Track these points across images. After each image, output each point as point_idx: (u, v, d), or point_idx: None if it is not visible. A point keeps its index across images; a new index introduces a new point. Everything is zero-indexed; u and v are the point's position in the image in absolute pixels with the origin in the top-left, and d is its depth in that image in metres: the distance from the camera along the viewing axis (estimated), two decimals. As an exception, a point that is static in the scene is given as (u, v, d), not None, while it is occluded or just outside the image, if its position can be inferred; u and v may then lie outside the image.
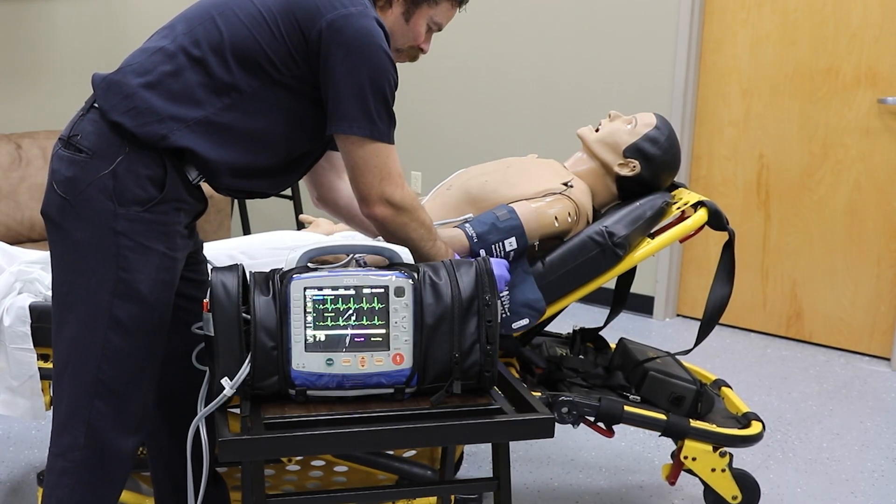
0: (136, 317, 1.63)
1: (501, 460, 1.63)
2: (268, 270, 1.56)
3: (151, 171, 1.61)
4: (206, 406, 1.55)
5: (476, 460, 2.73)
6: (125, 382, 1.66)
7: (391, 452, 2.25)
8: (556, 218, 2.10)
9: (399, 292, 1.50)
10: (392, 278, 1.51)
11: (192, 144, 1.61)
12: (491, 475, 1.68)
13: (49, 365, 2.06)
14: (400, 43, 1.81)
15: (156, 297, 1.64)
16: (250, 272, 1.55)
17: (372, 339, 1.50)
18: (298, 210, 4.38)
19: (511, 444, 1.67)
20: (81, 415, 1.64)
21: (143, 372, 1.68)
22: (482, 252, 2.01)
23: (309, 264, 1.58)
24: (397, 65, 1.73)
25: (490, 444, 1.75)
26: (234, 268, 1.54)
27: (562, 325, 2.63)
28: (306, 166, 1.83)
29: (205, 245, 2.30)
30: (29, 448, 2.75)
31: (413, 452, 2.35)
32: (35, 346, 2.01)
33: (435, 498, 2.17)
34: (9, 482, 2.55)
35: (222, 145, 1.65)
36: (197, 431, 1.57)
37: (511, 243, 2.05)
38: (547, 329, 2.48)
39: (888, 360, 3.60)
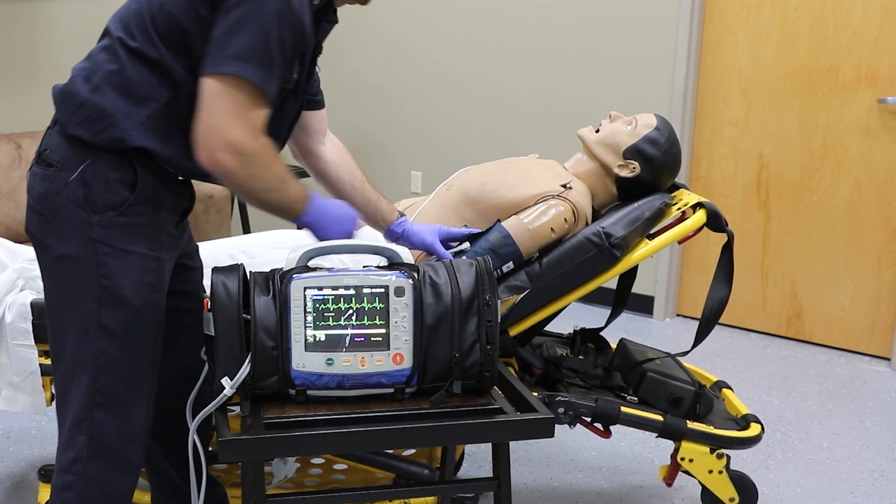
0: (124, 323, 1.59)
1: (501, 460, 1.63)
2: (268, 270, 1.56)
3: (120, 174, 1.56)
4: (195, 405, 1.56)
5: (476, 460, 2.73)
6: (124, 391, 1.62)
7: (390, 452, 2.25)
8: (552, 229, 2.11)
9: (399, 292, 1.51)
10: (392, 278, 1.51)
11: (148, 143, 1.56)
12: (491, 475, 1.69)
13: (49, 361, 2.06)
14: None
15: (142, 301, 1.60)
16: (250, 272, 1.55)
17: (372, 338, 1.50)
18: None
19: (511, 444, 1.67)
20: (83, 427, 1.61)
21: (142, 378, 1.64)
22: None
23: (309, 264, 1.58)
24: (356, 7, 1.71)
25: (490, 444, 1.75)
26: (235, 267, 1.55)
27: (562, 326, 2.63)
28: (279, 135, 1.70)
29: (205, 245, 2.31)
30: (29, 446, 2.75)
31: (412, 451, 2.35)
32: (36, 342, 2.02)
33: (433, 497, 2.17)
34: (9, 480, 2.56)
35: (173, 137, 1.58)
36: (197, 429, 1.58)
37: (509, 266, 2.11)
38: (547, 329, 2.49)
39: (888, 360, 3.60)
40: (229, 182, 1.53)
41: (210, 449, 2.26)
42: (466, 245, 2.13)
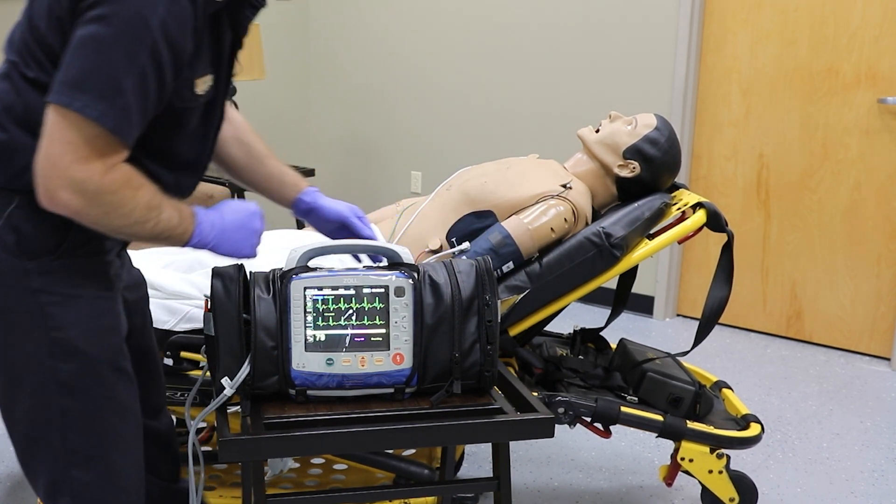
0: (83, 375, 1.44)
1: (501, 460, 1.63)
2: (268, 270, 1.56)
3: (51, 214, 1.33)
4: (190, 408, 1.55)
5: (476, 460, 2.73)
6: (100, 445, 1.48)
7: (390, 451, 2.25)
8: (552, 229, 2.11)
9: (399, 292, 1.51)
10: (392, 278, 1.51)
11: None
12: (491, 475, 1.69)
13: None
14: None
15: (98, 349, 1.45)
16: (250, 272, 1.55)
17: (372, 338, 1.50)
18: (299, 209, 4.38)
19: (511, 444, 1.67)
20: (64, 489, 1.47)
21: (118, 427, 1.50)
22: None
23: (309, 264, 1.58)
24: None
25: (490, 444, 1.75)
26: (235, 267, 1.54)
27: (562, 326, 2.63)
28: (203, 148, 1.51)
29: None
30: (29, 447, 2.75)
31: (412, 451, 2.35)
32: None
33: (433, 498, 2.17)
34: (9, 480, 2.56)
35: None
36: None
37: (509, 266, 2.11)
38: (547, 329, 2.49)
39: (888, 360, 3.60)
40: (82, 222, 1.32)
41: (210, 449, 2.26)
42: (466, 245, 2.13)
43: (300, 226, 3.78)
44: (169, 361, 2.07)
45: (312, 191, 1.81)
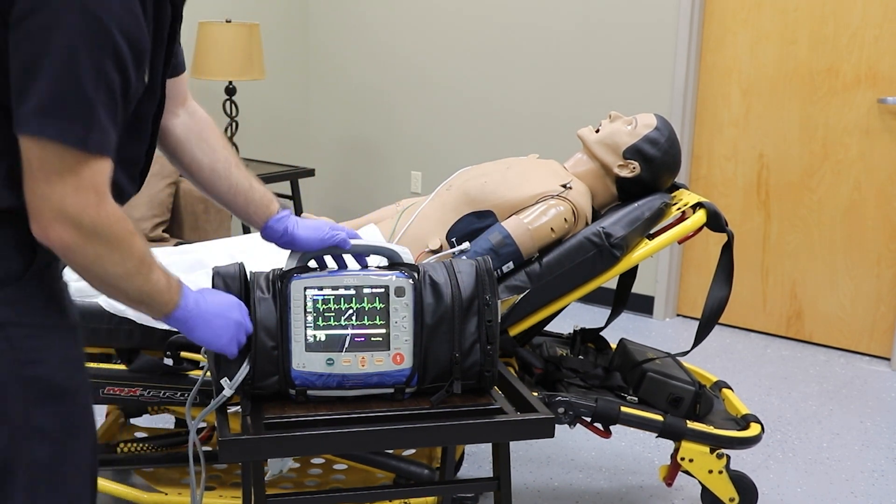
0: (62, 415, 1.25)
1: (501, 460, 1.63)
2: (268, 270, 1.56)
3: (9, 238, 1.21)
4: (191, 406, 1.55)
5: (476, 460, 2.73)
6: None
7: (390, 451, 2.25)
8: (552, 229, 2.11)
9: (399, 292, 1.51)
10: (392, 278, 1.51)
11: (17, 200, 1.18)
12: (491, 475, 1.69)
13: None
14: None
15: (75, 383, 1.28)
16: (250, 272, 1.55)
17: (372, 338, 1.50)
18: (299, 209, 4.39)
19: (511, 444, 1.67)
20: None
21: (84, 488, 1.31)
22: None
23: (309, 264, 1.58)
24: None
25: (490, 444, 1.75)
26: (235, 267, 1.54)
27: (562, 326, 2.63)
28: (141, 139, 1.33)
29: (205, 245, 2.31)
30: (29, 447, 2.75)
31: (412, 451, 2.35)
32: None
33: (433, 498, 2.18)
34: (9, 481, 2.55)
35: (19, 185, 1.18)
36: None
37: (509, 266, 2.11)
38: (547, 329, 2.49)
39: (888, 360, 3.60)
40: (73, 263, 1.19)
41: (210, 449, 2.26)
42: (466, 245, 2.13)
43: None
44: (169, 361, 2.07)
45: (284, 216, 1.57)
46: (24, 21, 1.09)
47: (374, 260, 1.76)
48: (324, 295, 1.50)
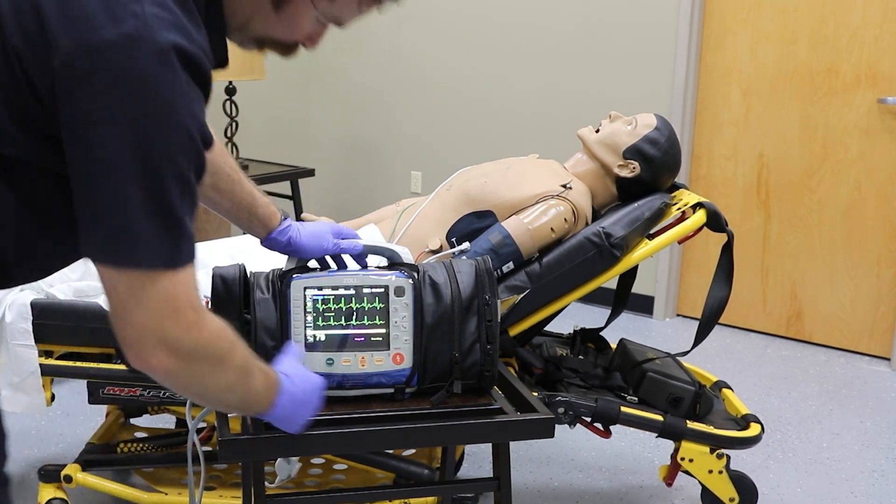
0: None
1: (501, 460, 1.63)
2: (268, 270, 1.56)
3: None
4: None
5: (476, 460, 2.73)
6: None
7: (390, 451, 2.25)
8: (552, 229, 2.11)
9: (399, 292, 1.51)
10: (392, 278, 1.51)
11: None
12: (491, 475, 1.69)
13: (51, 361, 2.07)
14: (259, 32, 1.21)
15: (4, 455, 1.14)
16: (251, 272, 1.55)
17: (372, 338, 1.50)
18: (299, 209, 4.39)
19: (511, 444, 1.67)
20: None
21: None
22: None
23: (309, 264, 1.58)
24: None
25: (490, 444, 1.75)
26: (235, 267, 1.55)
27: (562, 326, 2.63)
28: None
29: (205, 244, 2.31)
30: (29, 446, 2.75)
31: (412, 451, 2.35)
32: (36, 342, 2.02)
33: (433, 498, 2.17)
34: (9, 481, 2.56)
35: None
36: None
37: (509, 266, 2.11)
38: (547, 329, 2.49)
39: (888, 360, 3.60)
40: (172, 385, 1.12)
41: (210, 449, 2.26)
42: (466, 245, 2.13)
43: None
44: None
45: (286, 227, 1.57)
46: (80, 129, 0.97)
47: (374, 260, 1.77)
48: (323, 295, 1.50)
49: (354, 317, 1.50)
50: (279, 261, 1.92)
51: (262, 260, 2.10)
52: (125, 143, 0.95)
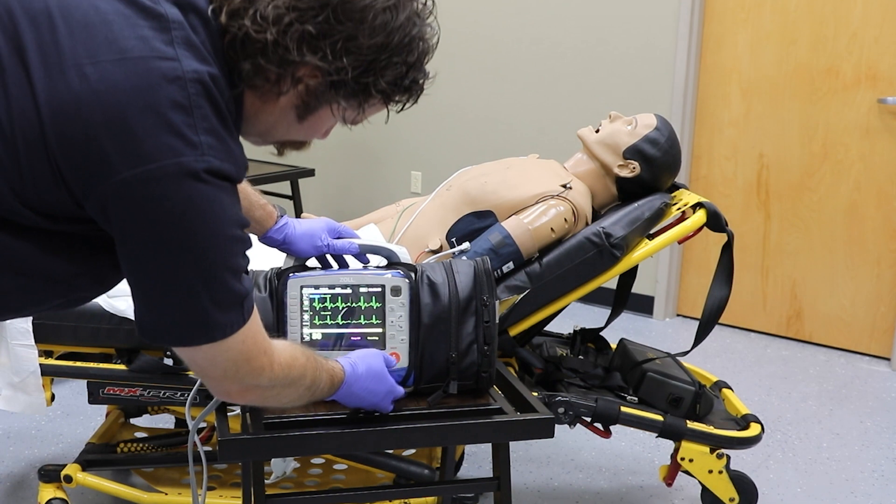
0: None
1: (501, 460, 1.63)
2: (267, 269, 1.56)
3: None
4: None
5: (476, 460, 2.73)
6: None
7: (390, 452, 2.25)
8: (552, 229, 2.11)
9: (395, 291, 1.51)
10: (388, 277, 1.51)
11: None
12: (491, 475, 1.69)
13: (51, 361, 2.07)
14: (282, 138, 1.27)
15: None
16: (251, 270, 1.56)
17: (368, 337, 1.50)
18: (299, 209, 4.39)
19: (511, 444, 1.67)
20: None
21: None
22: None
23: (312, 263, 1.58)
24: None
25: (490, 444, 1.75)
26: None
27: (562, 326, 2.63)
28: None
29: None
30: (29, 446, 2.75)
31: (412, 451, 2.35)
32: (36, 342, 2.02)
33: (433, 498, 2.17)
34: (9, 480, 2.56)
35: None
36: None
37: (509, 266, 2.11)
38: (547, 329, 2.49)
39: (888, 360, 3.60)
40: (252, 405, 1.35)
41: (210, 449, 2.26)
42: (466, 245, 2.13)
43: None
44: (169, 361, 2.07)
45: (282, 226, 1.63)
46: (145, 252, 1.07)
47: (375, 260, 1.77)
48: (320, 294, 1.50)
49: (351, 316, 1.50)
50: (279, 260, 1.92)
51: (262, 259, 2.10)
52: (181, 261, 1.06)
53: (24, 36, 1.04)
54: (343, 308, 1.50)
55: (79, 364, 2.08)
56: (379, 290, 1.51)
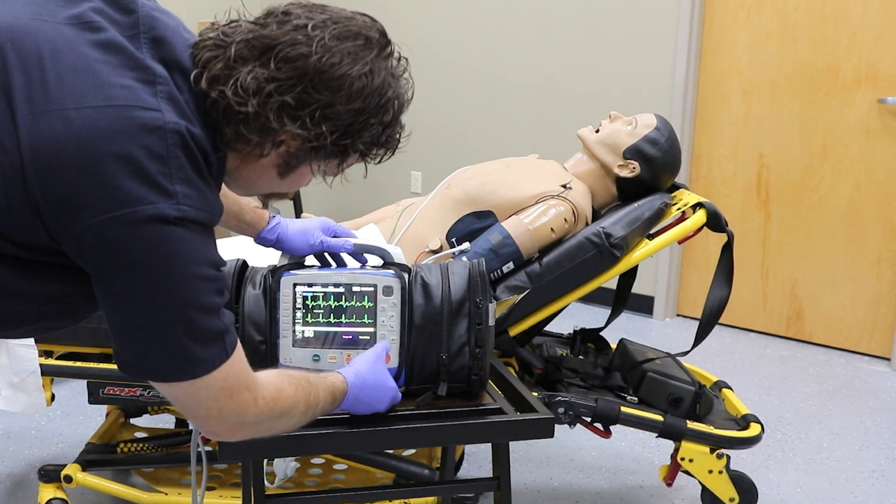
0: None
1: (501, 460, 1.63)
2: (266, 266, 1.56)
3: None
4: None
5: (476, 460, 2.73)
6: None
7: (390, 452, 2.25)
8: (552, 229, 2.11)
9: (387, 291, 1.51)
10: (381, 277, 1.52)
11: None
12: (491, 475, 1.69)
13: (51, 361, 2.07)
14: (264, 192, 1.32)
15: None
16: (251, 266, 1.56)
17: (359, 336, 1.50)
18: (299, 209, 4.39)
19: (511, 444, 1.68)
20: None
21: None
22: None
23: (311, 261, 1.59)
24: None
25: (490, 444, 1.75)
26: (233, 262, 1.55)
27: (562, 326, 2.63)
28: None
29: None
30: (29, 446, 2.75)
31: (412, 451, 2.35)
32: (36, 342, 2.02)
33: (433, 498, 2.18)
34: (9, 480, 2.56)
35: None
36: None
37: (509, 266, 2.11)
38: (547, 329, 2.49)
39: (888, 360, 3.60)
40: (248, 438, 1.29)
41: (210, 449, 2.27)
42: (466, 245, 2.13)
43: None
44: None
45: (274, 226, 1.65)
46: (107, 286, 1.08)
47: (373, 260, 1.77)
48: (313, 292, 1.50)
49: (343, 315, 1.50)
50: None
51: (262, 258, 2.10)
52: (155, 302, 1.07)
53: (13, 76, 1.06)
54: (335, 307, 1.50)
55: (79, 364, 2.08)
56: (371, 289, 1.51)
